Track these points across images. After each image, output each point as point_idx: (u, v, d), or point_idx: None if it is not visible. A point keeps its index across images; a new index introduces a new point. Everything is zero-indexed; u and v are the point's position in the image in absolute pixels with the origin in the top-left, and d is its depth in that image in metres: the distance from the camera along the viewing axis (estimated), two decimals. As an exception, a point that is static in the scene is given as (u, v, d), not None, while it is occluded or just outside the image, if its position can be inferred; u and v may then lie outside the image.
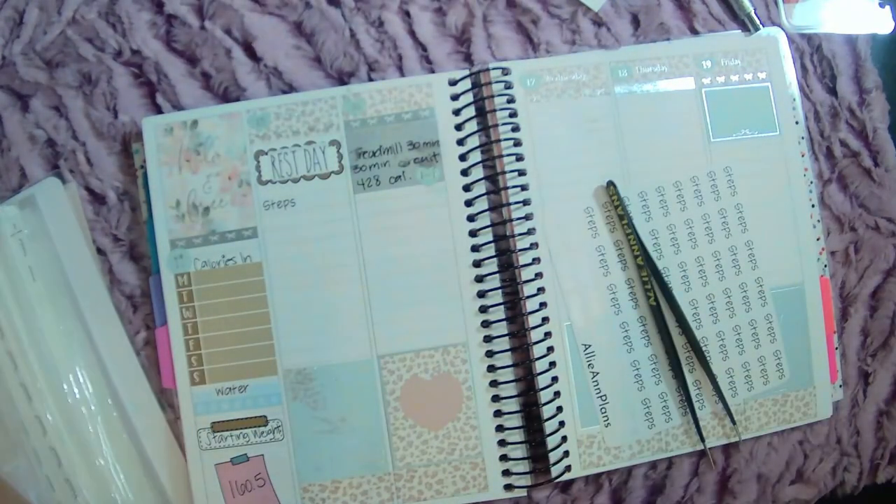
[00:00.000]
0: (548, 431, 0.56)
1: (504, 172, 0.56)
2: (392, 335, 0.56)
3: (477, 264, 0.56)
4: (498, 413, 0.56)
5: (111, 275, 0.58)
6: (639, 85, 0.59)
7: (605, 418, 0.57)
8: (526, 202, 0.57)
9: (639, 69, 0.59)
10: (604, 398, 0.57)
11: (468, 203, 0.56)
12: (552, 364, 0.56)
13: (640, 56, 0.59)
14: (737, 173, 0.59)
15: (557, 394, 0.56)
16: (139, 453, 0.56)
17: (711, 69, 0.59)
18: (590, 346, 0.57)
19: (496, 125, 0.57)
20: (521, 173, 0.57)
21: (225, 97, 0.59)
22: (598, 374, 0.57)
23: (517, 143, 0.57)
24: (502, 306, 0.56)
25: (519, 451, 0.56)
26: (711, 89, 0.59)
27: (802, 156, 0.60)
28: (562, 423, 0.56)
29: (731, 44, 0.60)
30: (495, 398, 0.56)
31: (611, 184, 0.57)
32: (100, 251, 0.58)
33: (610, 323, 0.57)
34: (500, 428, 0.56)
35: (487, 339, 0.56)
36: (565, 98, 0.58)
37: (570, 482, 0.59)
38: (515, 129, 0.57)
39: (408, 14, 0.60)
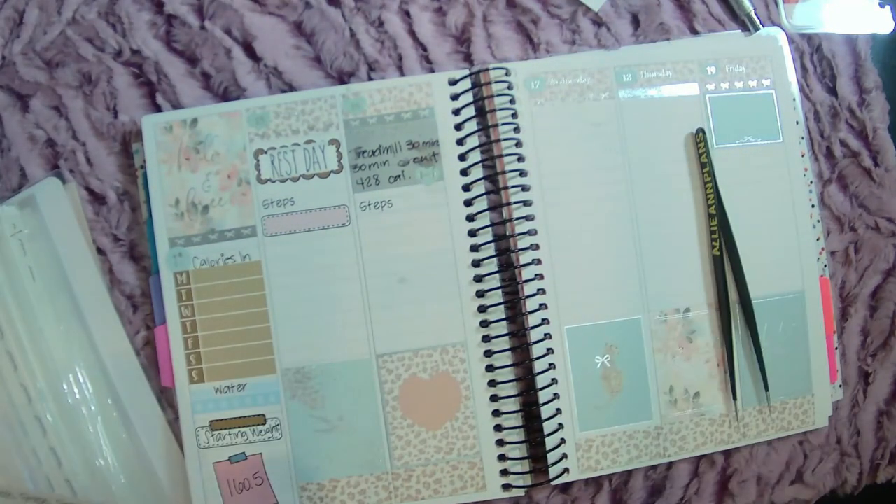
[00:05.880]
0: (546, 432, 0.56)
1: (504, 172, 0.56)
2: (391, 334, 0.56)
3: (476, 264, 0.56)
4: (496, 413, 0.56)
5: (111, 275, 0.58)
6: (643, 90, 0.59)
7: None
8: (527, 203, 0.57)
9: (643, 74, 0.59)
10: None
11: (467, 203, 0.56)
12: (552, 365, 0.56)
13: (645, 60, 0.59)
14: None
15: (557, 395, 0.56)
16: (139, 453, 0.56)
17: (716, 75, 0.59)
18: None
19: (496, 125, 0.57)
20: (523, 174, 0.57)
21: (225, 97, 0.59)
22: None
23: (518, 144, 0.57)
24: (501, 306, 0.56)
25: (517, 452, 0.56)
26: (715, 95, 0.59)
27: (802, 156, 0.60)
28: (560, 425, 0.56)
29: (734, 48, 0.60)
30: (494, 398, 0.56)
31: (700, 130, 0.58)
32: (100, 251, 0.58)
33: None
34: (498, 428, 0.56)
35: (486, 338, 0.56)
36: (569, 101, 0.58)
37: (570, 482, 0.59)
38: (517, 129, 0.57)
39: (408, 14, 0.60)
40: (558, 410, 0.56)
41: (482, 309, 0.56)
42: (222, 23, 0.59)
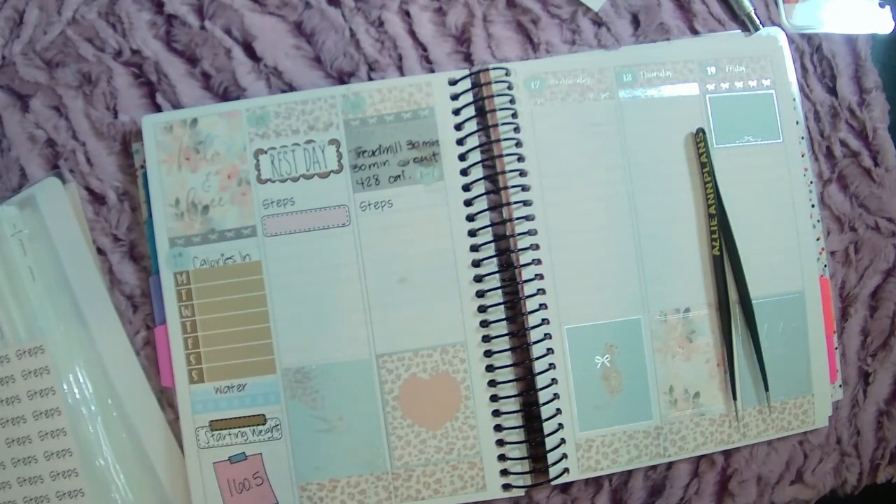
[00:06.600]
0: (546, 432, 0.56)
1: (504, 172, 0.56)
2: (391, 334, 0.56)
3: (476, 264, 0.56)
4: (496, 413, 0.56)
5: (111, 275, 0.58)
6: (643, 90, 0.59)
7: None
8: (527, 203, 0.57)
9: (643, 74, 0.59)
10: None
11: (467, 203, 0.56)
12: (552, 365, 0.56)
13: (645, 60, 0.59)
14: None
15: (557, 395, 0.56)
16: (139, 453, 0.56)
17: (716, 75, 0.59)
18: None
19: (496, 125, 0.57)
20: (523, 174, 0.57)
21: (225, 97, 0.59)
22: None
23: (518, 144, 0.57)
24: (502, 306, 0.56)
25: (517, 452, 0.56)
26: (715, 95, 0.59)
27: (802, 156, 0.60)
28: (560, 425, 0.56)
29: (734, 48, 0.60)
30: (494, 398, 0.56)
31: (700, 130, 0.58)
32: (100, 251, 0.58)
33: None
34: (498, 428, 0.56)
35: (486, 338, 0.56)
36: (569, 101, 0.58)
37: (570, 482, 0.58)
38: (517, 129, 0.57)
39: (408, 14, 0.60)
40: (558, 410, 0.56)
41: (482, 309, 0.56)
42: (222, 23, 0.59)
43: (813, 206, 0.60)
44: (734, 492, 0.59)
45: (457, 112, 0.57)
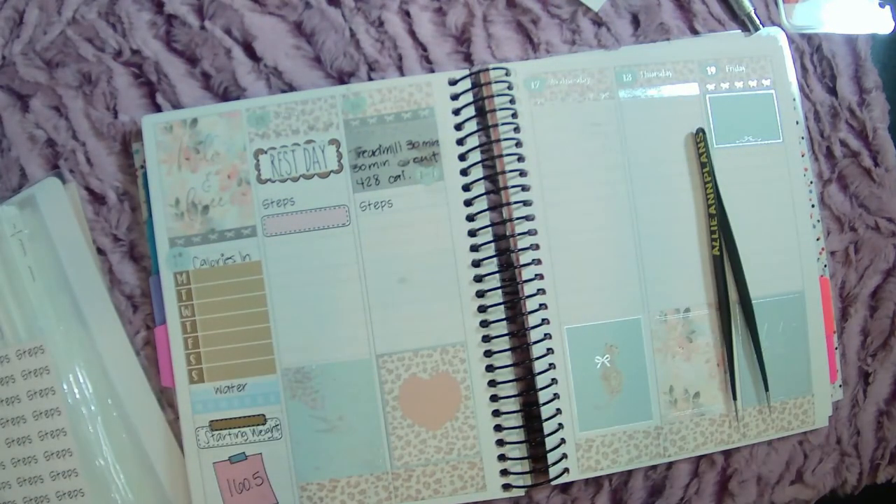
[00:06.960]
0: (546, 432, 0.56)
1: (504, 172, 0.56)
2: (391, 334, 0.56)
3: (476, 264, 0.56)
4: (496, 413, 0.56)
5: (111, 275, 0.58)
6: (643, 90, 0.59)
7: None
8: (527, 203, 0.57)
9: (643, 74, 0.59)
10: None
11: (467, 203, 0.56)
12: (552, 365, 0.56)
13: (645, 60, 0.59)
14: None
15: (557, 395, 0.56)
16: (139, 453, 0.56)
17: (716, 75, 0.59)
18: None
19: (496, 125, 0.57)
20: (523, 174, 0.57)
21: (225, 97, 0.59)
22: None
23: (518, 144, 0.57)
24: (501, 306, 0.56)
25: (517, 452, 0.56)
26: (715, 95, 0.59)
27: (802, 156, 0.60)
28: (560, 425, 0.56)
29: (734, 48, 0.60)
30: (494, 398, 0.56)
31: (700, 130, 0.58)
32: (100, 251, 0.58)
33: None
34: (498, 428, 0.56)
35: (486, 338, 0.56)
36: (569, 101, 0.58)
37: (570, 482, 0.58)
38: (517, 129, 0.57)
39: (408, 14, 0.60)
40: (558, 410, 0.56)
41: (482, 309, 0.56)
42: (222, 23, 0.59)
43: (813, 206, 0.60)
44: (734, 492, 0.59)
45: (457, 112, 0.57)
